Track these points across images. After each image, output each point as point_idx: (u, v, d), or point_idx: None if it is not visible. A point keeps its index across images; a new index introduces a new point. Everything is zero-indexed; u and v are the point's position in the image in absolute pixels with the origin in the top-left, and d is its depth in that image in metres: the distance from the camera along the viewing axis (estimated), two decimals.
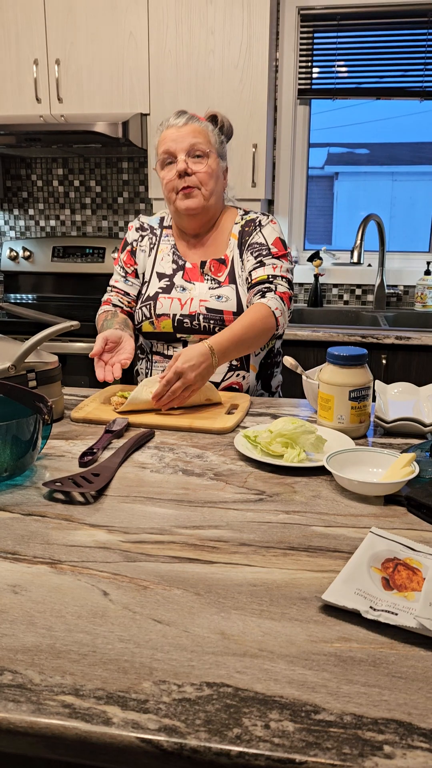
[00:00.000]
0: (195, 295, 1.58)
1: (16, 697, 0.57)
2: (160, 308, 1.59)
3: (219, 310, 1.56)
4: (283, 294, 1.53)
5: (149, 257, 1.66)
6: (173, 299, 1.58)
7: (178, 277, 1.61)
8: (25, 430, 0.99)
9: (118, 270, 1.70)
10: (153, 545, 0.83)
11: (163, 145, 1.55)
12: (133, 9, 2.61)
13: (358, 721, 0.55)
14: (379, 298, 2.97)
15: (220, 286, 1.58)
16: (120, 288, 1.68)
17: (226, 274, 1.59)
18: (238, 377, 1.59)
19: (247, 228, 1.62)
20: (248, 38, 2.56)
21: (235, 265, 1.60)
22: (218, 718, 0.55)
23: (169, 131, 1.55)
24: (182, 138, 1.52)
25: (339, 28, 2.86)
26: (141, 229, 1.70)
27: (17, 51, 2.73)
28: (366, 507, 0.95)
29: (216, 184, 1.58)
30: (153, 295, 1.61)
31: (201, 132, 1.54)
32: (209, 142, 1.55)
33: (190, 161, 1.53)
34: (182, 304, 1.57)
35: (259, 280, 1.55)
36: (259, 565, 0.79)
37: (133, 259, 1.68)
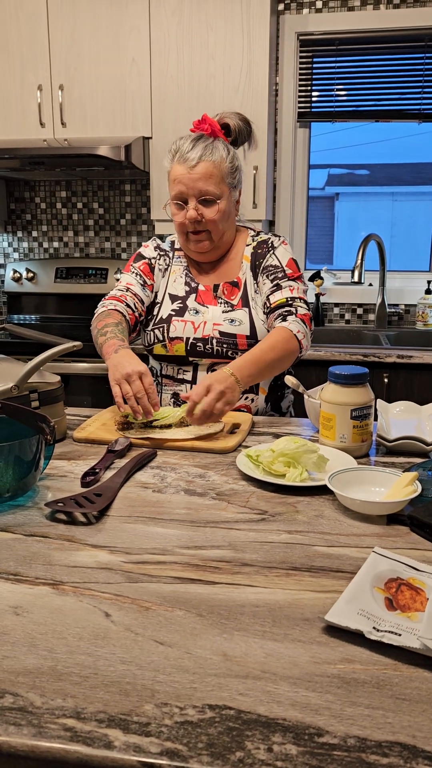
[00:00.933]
0: (208, 318, 1.57)
1: (17, 721, 0.56)
2: (173, 331, 1.57)
3: (232, 334, 1.55)
4: (304, 316, 1.54)
5: (163, 278, 1.65)
6: (186, 322, 1.57)
7: (191, 299, 1.60)
8: (28, 451, 0.99)
9: (134, 276, 1.63)
10: (155, 566, 0.83)
11: (175, 185, 1.52)
12: (136, 35, 2.66)
13: (362, 744, 0.54)
14: (381, 317, 2.98)
15: (233, 310, 1.57)
16: (136, 292, 1.61)
17: (239, 297, 1.59)
18: (247, 400, 1.58)
19: (260, 250, 1.62)
20: (248, 63, 2.61)
21: (248, 288, 1.60)
22: (221, 741, 0.54)
23: (181, 170, 1.50)
24: (193, 183, 1.49)
25: (338, 52, 2.91)
26: (158, 249, 1.68)
27: (22, 76, 2.78)
28: (369, 526, 0.95)
29: (226, 224, 1.57)
30: (166, 317, 1.59)
31: (213, 173, 1.49)
32: (221, 181, 1.51)
33: (201, 207, 1.51)
34: (195, 328, 1.56)
35: (279, 304, 1.55)
36: (262, 586, 0.78)
37: (152, 274, 1.65)
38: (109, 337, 1.47)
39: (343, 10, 2.84)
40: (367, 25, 2.82)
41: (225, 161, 1.52)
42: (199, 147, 1.50)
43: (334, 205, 7.90)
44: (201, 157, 1.49)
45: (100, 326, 1.52)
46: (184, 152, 1.50)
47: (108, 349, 1.44)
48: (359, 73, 2.92)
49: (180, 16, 2.61)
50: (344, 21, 2.83)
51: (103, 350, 1.46)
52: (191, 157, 1.49)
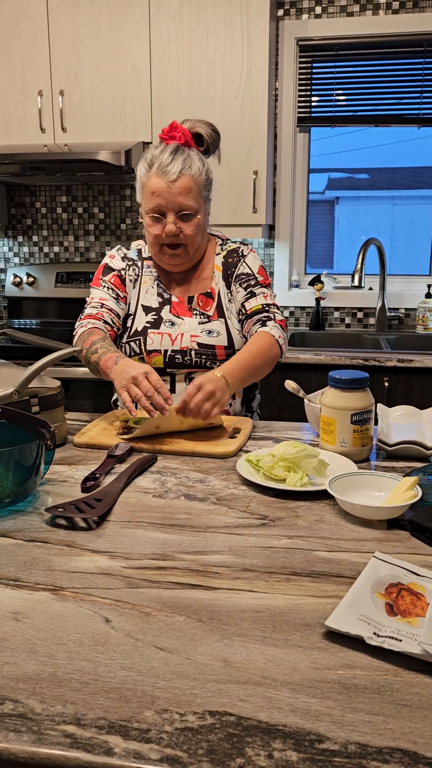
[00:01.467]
0: (185, 330, 1.56)
1: (17, 727, 0.56)
2: (150, 344, 1.56)
3: (211, 345, 1.55)
4: (281, 322, 1.58)
5: (134, 289, 1.62)
6: (163, 335, 1.56)
7: (165, 311, 1.59)
8: (28, 456, 0.99)
9: (106, 291, 1.60)
10: (155, 571, 0.83)
11: (153, 198, 1.49)
12: (136, 41, 2.67)
13: (363, 750, 0.54)
14: (381, 321, 2.98)
15: (209, 321, 1.58)
16: (111, 307, 1.58)
17: (214, 308, 1.59)
18: (227, 406, 1.58)
19: (231, 259, 1.63)
20: (248, 68, 2.62)
21: (222, 298, 1.60)
22: (221, 747, 0.54)
23: (160, 184, 1.47)
24: (173, 198, 1.47)
25: (337, 57, 2.92)
26: (126, 259, 1.65)
27: (22, 82, 2.79)
28: (369, 531, 0.95)
29: (202, 236, 1.58)
30: (141, 330, 1.57)
31: (192, 188, 1.49)
32: (198, 195, 1.51)
33: (179, 222, 1.50)
34: (173, 340, 1.55)
35: (256, 310, 1.58)
36: (262, 591, 0.78)
37: (123, 286, 1.62)
38: (101, 353, 1.44)
39: (342, 15, 2.85)
40: (366, 30, 2.83)
41: (202, 174, 1.52)
42: (179, 160, 1.48)
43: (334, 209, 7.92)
44: (181, 171, 1.47)
45: (87, 345, 1.49)
46: (164, 165, 1.47)
47: (106, 362, 1.42)
48: (358, 78, 2.93)
49: (180, 21, 2.62)
50: (343, 26, 2.84)
51: (101, 365, 1.43)
52: (171, 171, 1.47)
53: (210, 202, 1.60)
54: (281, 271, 3.11)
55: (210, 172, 1.57)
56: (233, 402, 1.60)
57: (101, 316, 1.57)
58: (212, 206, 1.65)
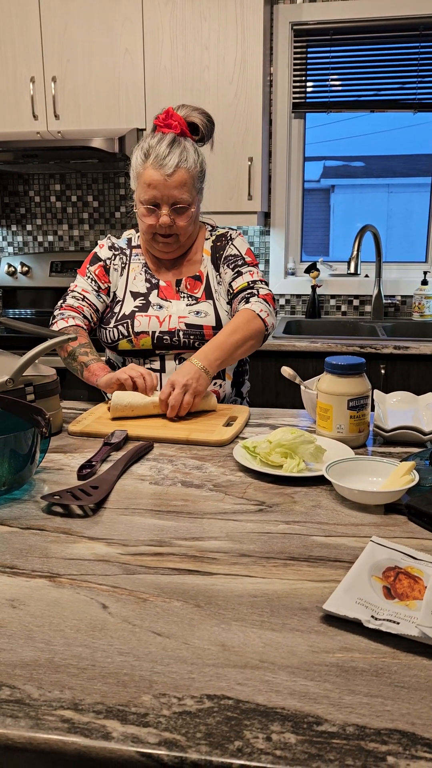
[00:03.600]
0: (173, 312, 1.58)
1: (15, 713, 0.56)
2: (138, 326, 1.57)
3: (199, 325, 1.56)
4: (266, 296, 1.59)
5: (121, 277, 1.64)
6: (151, 317, 1.57)
7: (153, 295, 1.61)
8: (23, 444, 0.99)
9: (89, 282, 1.63)
10: (152, 557, 0.83)
11: (149, 190, 1.50)
12: (129, 26, 2.64)
13: (361, 732, 0.54)
14: (377, 309, 2.98)
15: (197, 302, 1.59)
16: (91, 301, 1.62)
17: (202, 289, 1.61)
18: (215, 386, 1.61)
19: (219, 243, 1.65)
20: (242, 54, 2.59)
21: (211, 281, 1.62)
22: (219, 730, 0.54)
23: (157, 176, 1.48)
24: (169, 191, 1.49)
25: (332, 42, 2.89)
26: (113, 248, 1.67)
27: (14, 69, 2.76)
28: (366, 516, 0.95)
29: (194, 226, 1.60)
30: (129, 313, 1.59)
31: (187, 181, 1.50)
32: (193, 188, 1.53)
33: (173, 214, 1.52)
34: (161, 321, 1.57)
35: (241, 288, 1.60)
36: (260, 576, 0.78)
37: (107, 276, 1.64)
38: (91, 359, 1.51)
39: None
40: (362, 14, 2.80)
41: (197, 166, 1.53)
42: (176, 152, 1.48)
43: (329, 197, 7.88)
44: (178, 164, 1.48)
45: (74, 345, 1.54)
46: (161, 157, 1.48)
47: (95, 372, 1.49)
48: (354, 63, 2.90)
49: (173, 6, 2.59)
50: (339, 10, 2.81)
51: (87, 370, 1.50)
52: (168, 164, 1.47)
53: (202, 192, 1.62)
54: (277, 258, 3.10)
55: (204, 163, 1.58)
56: (223, 383, 1.62)
57: (81, 309, 1.62)
58: (207, 193, 1.64)
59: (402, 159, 4.33)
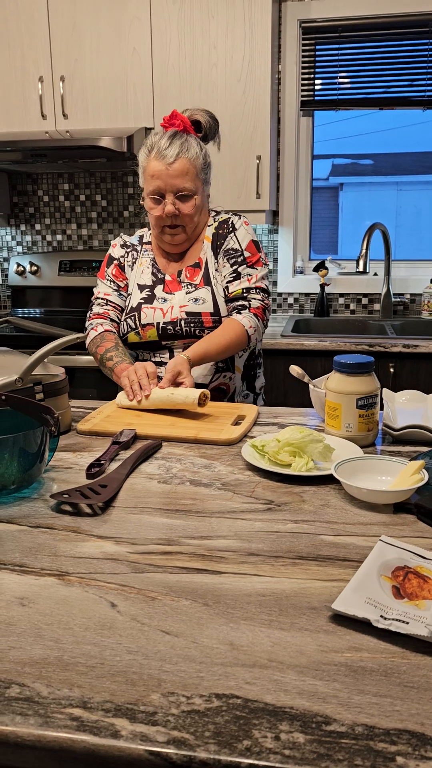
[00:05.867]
0: (175, 302, 1.62)
1: (24, 711, 0.56)
2: (144, 318, 1.63)
3: (197, 312, 1.61)
4: (257, 309, 1.61)
5: (132, 271, 1.71)
6: (156, 309, 1.63)
7: (158, 289, 1.65)
8: (33, 443, 0.99)
9: (108, 284, 1.72)
10: (161, 556, 0.83)
11: (153, 181, 1.56)
12: (137, 25, 2.64)
13: (370, 732, 0.54)
14: (386, 307, 2.96)
15: (196, 289, 1.63)
16: (115, 302, 1.71)
17: (200, 276, 1.64)
18: (225, 378, 1.65)
19: (221, 231, 1.66)
20: (250, 51, 2.59)
21: (210, 267, 1.65)
22: (228, 729, 0.54)
23: (159, 166, 1.54)
24: (171, 179, 1.54)
25: (341, 39, 2.88)
26: (125, 246, 1.73)
27: (23, 69, 2.76)
28: (375, 515, 0.94)
29: (200, 217, 1.63)
30: (136, 306, 1.65)
31: (189, 170, 1.55)
32: (196, 177, 1.57)
33: (177, 202, 1.56)
34: (164, 313, 1.62)
35: (236, 296, 1.62)
36: (268, 575, 0.78)
37: (123, 273, 1.71)
38: (117, 362, 1.58)
39: None
40: (371, 11, 2.79)
41: (199, 157, 1.58)
42: (176, 144, 1.54)
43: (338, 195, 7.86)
44: (178, 154, 1.54)
45: (101, 352, 1.62)
46: (162, 149, 1.54)
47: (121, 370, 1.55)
48: (363, 61, 2.89)
49: (181, 4, 2.59)
50: (347, 7, 2.80)
51: (115, 372, 1.57)
52: (169, 154, 1.53)
53: (209, 185, 1.66)
54: (285, 257, 3.09)
55: (208, 156, 1.63)
56: (233, 376, 1.66)
57: (107, 314, 1.69)
58: (215, 191, 1.67)
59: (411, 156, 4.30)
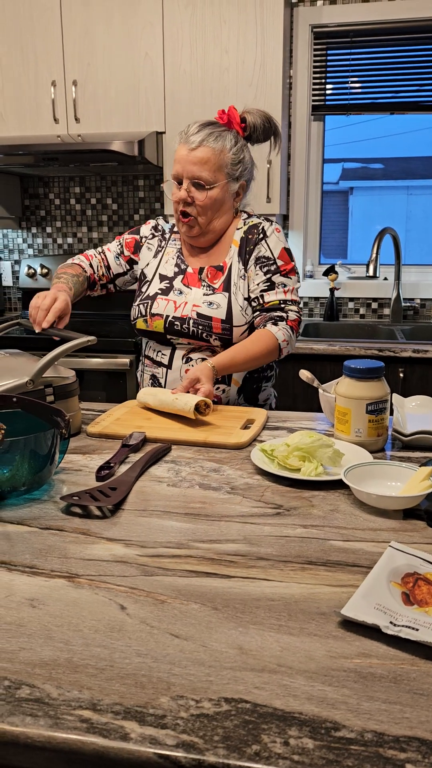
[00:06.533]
0: (190, 299, 1.60)
1: (34, 712, 0.57)
2: (155, 308, 1.61)
3: (208, 316, 1.57)
4: (293, 322, 1.60)
5: (154, 258, 1.69)
6: (169, 301, 1.61)
7: (177, 280, 1.64)
8: (43, 445, 1.00)
9: (116, 245, 1.74)
10: (170, 559, 0.83)
11: (175, 164, 1.57)
12: (149, 30, 2.65)
13: (380, 738, 0.54)
14: (396, 312, 2.96)
15: (213, 293, 1.60)
16: (108, 259, 1.72)
17: (221, 281, 1.60)
18: (218, 390, 1.60)
19: (251, 236, 1.62)
20: (262, 56, 2.59)
21: (233, 273, 1.61)
22: (237, 734, 0.54)
23: (182, 150, 1.54)
24: (189, 165, 1.53)
25: (352, 44, 2.88)
26: (155, 229, 1.73)
27: (36, 73, 2.78)
28: (385, 521, 0.94)
29: (217, 212, 1.58)
30: (153, 295, 1.64)
31: (210, 159, 1.52)
32: (217, 169, 1.53)
33: (192, 189, 1.55)
34: (176, 307, 1.60)
35: (272, 306, 1.59)
36: (277, 580, 0.78)
37: (136, 251, 1.72)
38: (56, 282, 1.60)
39: (358, 1, 2.81)
40: (383, 16, 2.79)
41: (227, 151, 1.54)
42: (204, 132, 1.53)
43: (348, 199, 7.85)
44: (202, 141, 1.52)
45: (59, 272, 1.66)
46: (190, 134, 1.54)
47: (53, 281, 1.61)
48: (374, 65, 2.89)
49: (193, 9, 2.60)
50: (359, 12, 2.80)
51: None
52: (193, 140, 1.53)
53: (238, 183, 1.61)
54: (295, 261, 3.09)
55: (242, 153, 1.59)
56: (227, 389, 1.62)
57: (90, 258, 1.73)
58: None
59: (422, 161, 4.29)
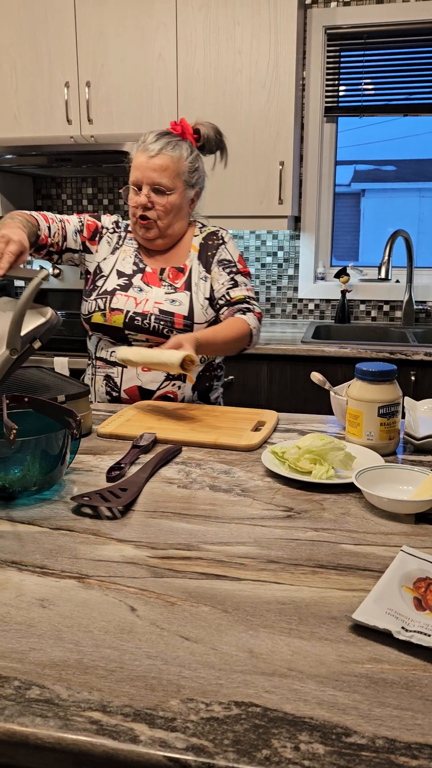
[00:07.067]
0: (151, 297, 1.63)
1: (44, 712, 0.57)
2: (115, 303, 1.63)
3: (171, 312, 1.61)
4: (259, 315, 1.69)
5: (112, 254, 1.71)
6: (129, 297, 1.64)
7: (137, 278, 1.67)
8: (54, 445, 1.00)
9: (77, 221, 1.71)
10: (180, 561, 0.83)
11: (133, 172, 1.62)
12: (162, 32, 2.66)
13: (391, 745, 0.53)
14: (408, 314, 2.94)
15: (175, 292, 1.65)
16: (67, 231, 1.68)
17: (183, 281, 1.66)
18: (174, 386, 1.64)
19: (210, 242, 1.71)
20: (275, 58, 2.59)
21: (193, 274, 1.67)
22: (247, 738, 0.54)
23: (141, 158, 1.60)
24: (149, 172, 1.59)
25: (366, 46, 2.88)
26: (116, 225, 1.75)
27: (50, 74, 2.80)
28: (396, 525, 0.93)
29: (175, 217, 1.65)
30: (111, 290, 1.65)
31: (169, 167, 1.59)
32: (176, 176, 1.60)
33: (152, 195, 1.60)
34: (137, 303, 1.63)
35: (239, 299, 1.67)
36: (288, 583, 0.78)
37: (93, 238, 1.72)
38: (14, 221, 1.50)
39: (372, 2, 2.80)
40: (397, 17, 2.78)
41: (184, 159, 1.62)
42: (163, 141, 1.60)
43: (359, 201, 7.83)
44: (161, 149, 1.59)
45: (14, 214, 1.57)
46: (148, 143, 1.60)
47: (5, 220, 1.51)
48: (388, 67, 2.88)
49: (207, 11, 2.61)
50: (373, 13, 2.80)
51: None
52: (152, 148, 1.59)
53: (194, 191, 1.68)
54: (306, 263, 3.09)
55: (197, 162, 1.67)
56: (183, 386, 1.65)
57: (49, 221, 1.64)
58: (237, 196, 1.67)
59: None
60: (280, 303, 3.16)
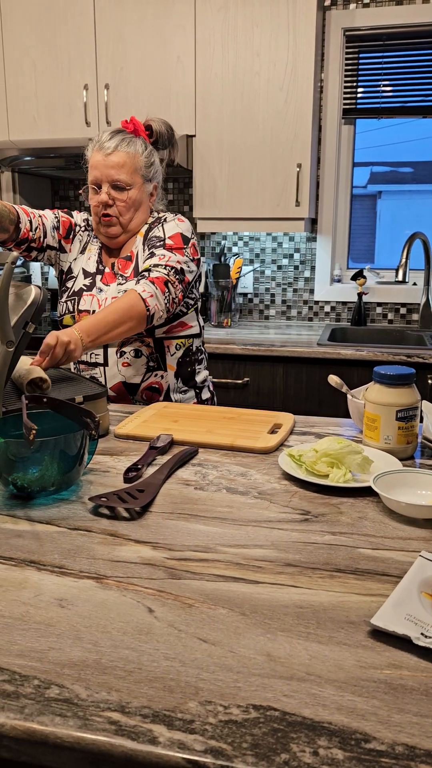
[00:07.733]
0: (108, 294, 1.66)
1: (63, 712, 0.57)
2: (82, 304, 1.67)
3: None
4: (156, 278, 1.56)
5: (81, 254, 1.74)
6: (93, 297, 1.67)
7: (98, 278, 1.70)
8: (73, 445, 1.00)
9: (53, 217, 1.72)
10: (198, 563, 0.83)
11: (91, 171, 1.64)
12: (181, 34, 2.67)
13: (411, 752, 0.53)
14: (425, 317, 2.92)
15: (126, 281, 1.66)
16: (46, 227, 1.68)
17: (131, 269, 1.68)
18: (157, 377, 1.67)
19: (153, 226, 1.71)
20: (293, 60, 2.59)
21: (139, 260, 1.68)
22: (265, 742, 0.54)
23: (98, 157, 1.62)
24: (107, 170, 1.61)
25: (384, 47, 2.86)
26: (87, 222, 1.78)
27: (69, 77, 2.82)
28: (414, 530, 0.93)
29: (136, 212, 1.68)
30: (78, 290, 1.69)
31: (126, 163, 1.61)
32: (134, 172, 1.63)
33: (112, 192, 1.63)
34: (100, 303, 1.66)
35: (144, 269, 1.60)
36: (305, 587, 0.77)
37: (70, 236, 1.74)
38: None
39: (392, 4, 2.79)
40: (416, 19, 2.76)
41: (140, 155, 1.65)
42: (117, 138, 1.63)
43: (376, 203, 7.80)
44: (117, 147, 1.62)
45: None
46: (103, 142, 1.63)
47: None
48: (406, 69, 2.87)
49: (226, 13, 2.61)
50: (392, 15, 2.78)
51: None
52: (107, 146, 1.62)
53: (152, 185, 1.71)
54: (323, 265, 3.08)
55: (152, 156, 1.69)
56: (165, 375, 1.68)
57: (30, 216, 1.65)
58: (254, 199, 1.66)
59: None
60: (296, 305, 3.16)
